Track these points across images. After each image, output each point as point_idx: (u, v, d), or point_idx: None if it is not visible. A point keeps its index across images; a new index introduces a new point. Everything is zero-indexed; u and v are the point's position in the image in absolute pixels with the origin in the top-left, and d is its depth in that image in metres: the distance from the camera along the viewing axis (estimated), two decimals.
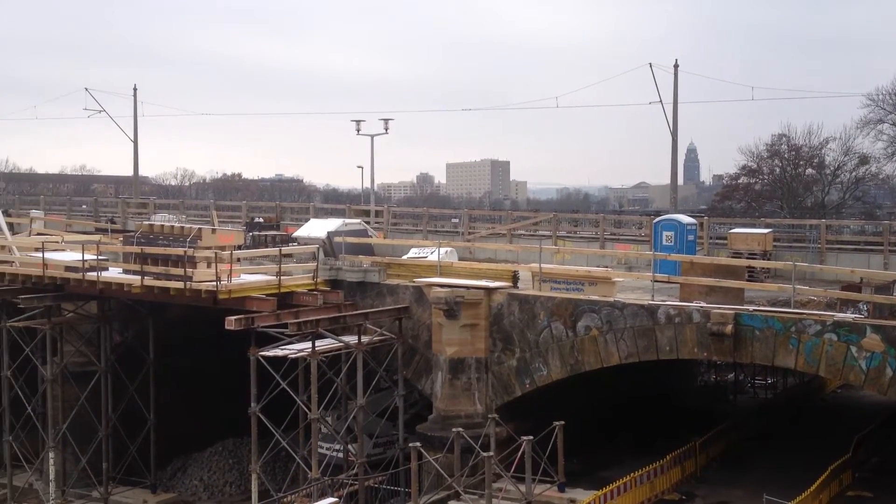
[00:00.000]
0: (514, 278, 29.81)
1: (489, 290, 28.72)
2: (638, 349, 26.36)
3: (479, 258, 37.02)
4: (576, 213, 68.08)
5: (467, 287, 28.72)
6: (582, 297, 27.78)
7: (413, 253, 35.24)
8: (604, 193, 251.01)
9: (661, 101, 51.76)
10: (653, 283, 28.32)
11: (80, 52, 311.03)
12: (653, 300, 26.88)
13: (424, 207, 57.64)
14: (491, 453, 24.09)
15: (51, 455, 35.00)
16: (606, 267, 31.93)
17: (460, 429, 26.03)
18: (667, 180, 60.19)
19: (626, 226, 43.92)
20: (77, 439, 35.25)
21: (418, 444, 25.49)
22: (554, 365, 27.69)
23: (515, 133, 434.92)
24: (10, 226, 41.03)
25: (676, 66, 51.66)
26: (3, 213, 43.49)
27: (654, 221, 34.03)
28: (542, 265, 29.34)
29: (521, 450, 24.00)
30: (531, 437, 24.18)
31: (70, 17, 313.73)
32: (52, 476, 35.00)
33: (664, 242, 32.06)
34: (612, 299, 27.17)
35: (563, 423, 25.44)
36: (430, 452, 26.04)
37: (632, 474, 26.21)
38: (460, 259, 34.89)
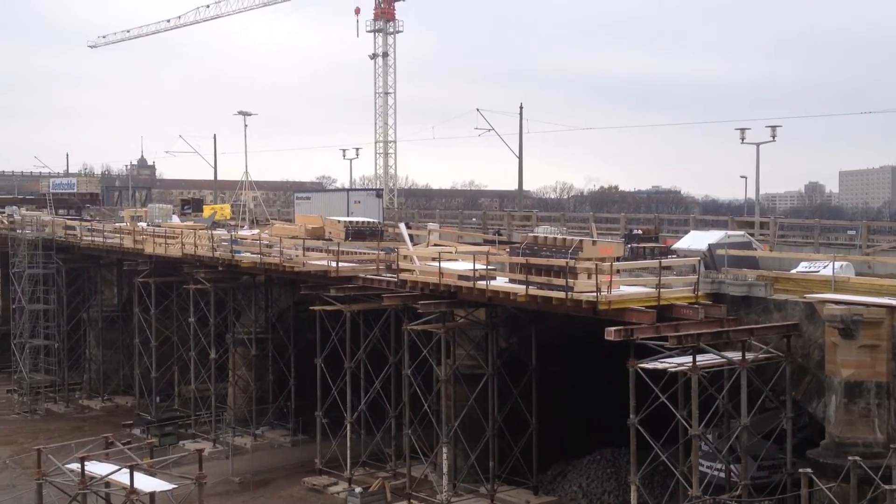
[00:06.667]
0: None
1: (893, 309, 26.08)
2: None
3: (880, 274, 33.76)
4: None
5: (867, 304, 26.32)
6: None
7: (803, 267, 33.08)
8: None
9: None
10: None
11: (473, 75, 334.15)
12: None
13: (815, 218, 53.89)
14: (894, 487, 21.83)
15: (444, 450, 37.69)
16: None
17: (857, 458, 23.93)
18: None
19: None
20: (466, 437, 37.66)
21: (809, 470, 23.86)
22: None
23: None
24: (411, 237, 44.85)
25: None
26: (405, 225, 47.68)
27: None
28: None
29: None
30: None
31: (463, 44, 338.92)
32: (444, 469, 37.69)
33: None
34: None
35: None
36: (822, 480, 24.19)
37: None
38: (857, 274, 32.14)
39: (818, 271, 31.71)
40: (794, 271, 32.47)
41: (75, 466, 26.50)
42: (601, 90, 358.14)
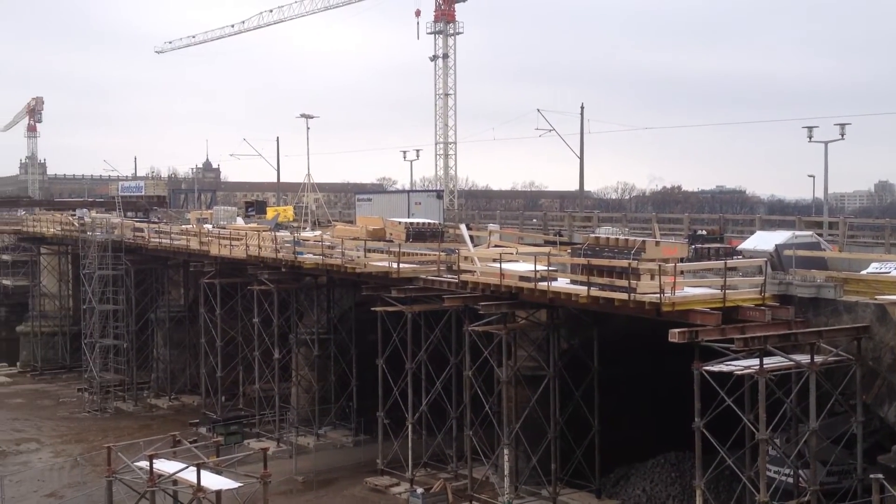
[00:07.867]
0: None
1: None
2: None
3: None
4: None
5: None
6: None
7: (873, 268, 32.26)
8: None
9: None
10: None
11: (534, 77, 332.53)
12: None
13: (886, 218, 52.51)
14: None
15: (505, 452, 37.59)
16: None
17: None
18: None
19: None
20: (528, 439, 37.49)
21: (880, 476, 23.24)
22: None
23: None
24: (471, 238, 44.82)
25: None
26: (465, 226, 47.66)
27: None
28: None
29: None
30: None
31: (524, 46, 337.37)
32: (506, 471, 37.57)
33: None
34: None
35: None
36: (894, 486, 23.55)
37: None
38: None
39: (889, 272, 30.91)
40: (864, 272, 31.69)
41: (144, 464, 27.04)
42: (664, 89, 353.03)
